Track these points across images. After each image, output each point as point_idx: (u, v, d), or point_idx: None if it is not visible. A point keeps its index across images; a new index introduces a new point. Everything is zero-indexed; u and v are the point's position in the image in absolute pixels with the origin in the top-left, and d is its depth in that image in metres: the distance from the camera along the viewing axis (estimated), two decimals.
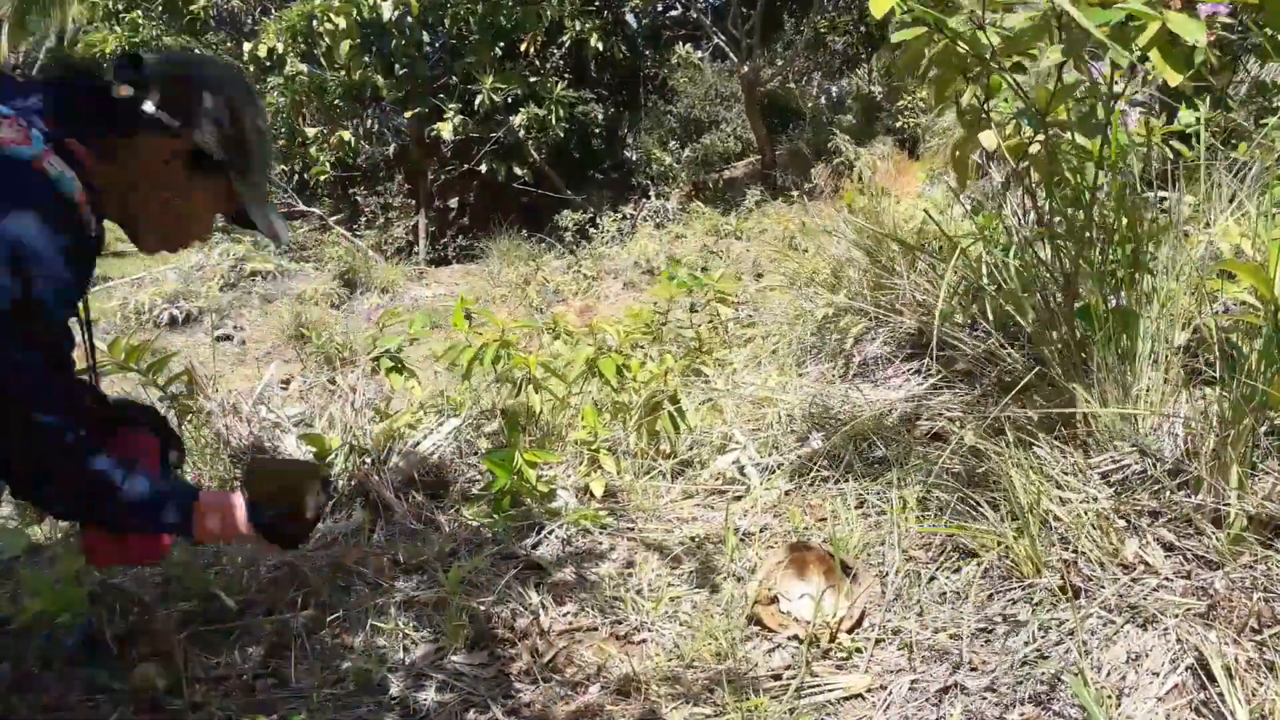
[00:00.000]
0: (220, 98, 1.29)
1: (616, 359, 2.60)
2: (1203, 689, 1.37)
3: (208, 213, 1.37)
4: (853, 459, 2.31)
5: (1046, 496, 1.76)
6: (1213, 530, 1.59)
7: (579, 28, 10.13)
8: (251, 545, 1.51)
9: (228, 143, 1.29)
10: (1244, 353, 1.75)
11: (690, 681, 1.65)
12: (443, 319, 4.78)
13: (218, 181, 1.31)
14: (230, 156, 1.30)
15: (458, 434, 2.60)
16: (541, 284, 7.78)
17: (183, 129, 1.25)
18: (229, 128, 1.30)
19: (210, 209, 1.36)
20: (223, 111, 1.29)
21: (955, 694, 1.52)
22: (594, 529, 2.22)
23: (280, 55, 9.64)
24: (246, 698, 1.63)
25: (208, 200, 1.34)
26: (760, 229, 7.73)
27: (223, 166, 1.29)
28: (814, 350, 3.30)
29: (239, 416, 2.40)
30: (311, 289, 8.33)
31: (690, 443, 2.63)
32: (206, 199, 1.33)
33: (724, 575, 1.99)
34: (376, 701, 1.63)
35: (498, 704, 1.61)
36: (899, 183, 7.86)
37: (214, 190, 1.32)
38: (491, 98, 9.50)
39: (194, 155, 1.27)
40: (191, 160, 1.27)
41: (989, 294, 2.50)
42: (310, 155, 10.59)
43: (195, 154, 1.27)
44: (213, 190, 1.32)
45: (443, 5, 9.54)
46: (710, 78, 11.58)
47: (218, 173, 1.30)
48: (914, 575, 1.84)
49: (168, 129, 1.24)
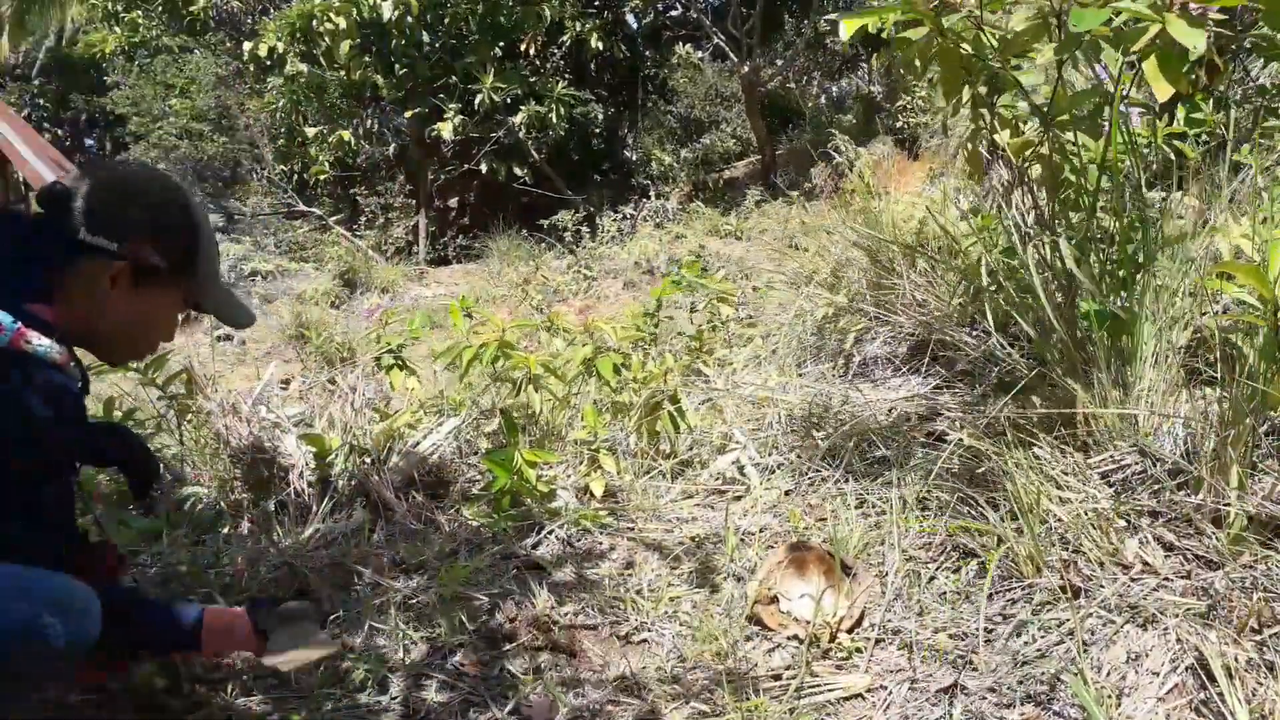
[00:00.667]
0: (151, 207, 1.30)
1: (615, 358, 2.60)
2: (1203, 689, 1.37)
3: (168, 318, 1.38)
4: (853, 459, 2.31)
5: (1046, 496, 1.77)
6: (1213, 530, 1.59)
7: (579, 28, 10.13)
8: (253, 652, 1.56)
9: (169, 250, 1.30)
10: (1244, 353, 1.75)
11: (690, 681, 1.65)
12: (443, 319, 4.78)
13: (168, 289, 1.33)
14: (174, 261, 1.31)
15: (458, 434, 2.60)
16: (542, 284, 7.78)
17: (120, 248, 1.25)
18: (167, 234, 1.30)
19: (169, 313, 1.38)
20: (157, 220, 1.30)
21: (955, 694, 1.52)
22: (594, 529, 2.23)
23: (280, 55, 9.64)
24: (246, 698, 1.63)
25: (164, 307, 1.35)
26: (760, 229, 7.73)
27: (170, 274, 1.30)
28: (814, 350, 3.30)
29: (238, 416, 2.40)
30: (311, 289, 8.34)
31: (690, 443, 2.63)
32: (163, 306, 1.35)
33: (724, 575, 1.99)
34: (376, 701, 1.63)
35: (498, 704, 1.61)
36: (899, 182, 7.86)
37: (167, 296, 1.34)
38: (491, 97, 9.51)
39: (137, 271, 1.27)
40: (137, 276, 1.27)
41: (989, 294, 2.50)
42: (310, 155, 10.60)
43: (138, 269, 1.27)
44: (166, 297, 1.34)
45: (443, 5, 9.55)
46: (710, 78, 11.59)
47: (167, 281, 1.31)
48: (914, 575, 1.84)
49: (106, 251, 1.24)
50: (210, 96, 12.18)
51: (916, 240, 3.28)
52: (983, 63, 1.89)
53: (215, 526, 2.24)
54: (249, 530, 2.21)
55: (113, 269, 1.26)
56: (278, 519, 2.21)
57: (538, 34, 9.96)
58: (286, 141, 11.30)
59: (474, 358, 2.48)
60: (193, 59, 12.33)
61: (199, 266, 1.35)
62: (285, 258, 9.58)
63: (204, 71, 12.19)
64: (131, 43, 12.14)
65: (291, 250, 10.09)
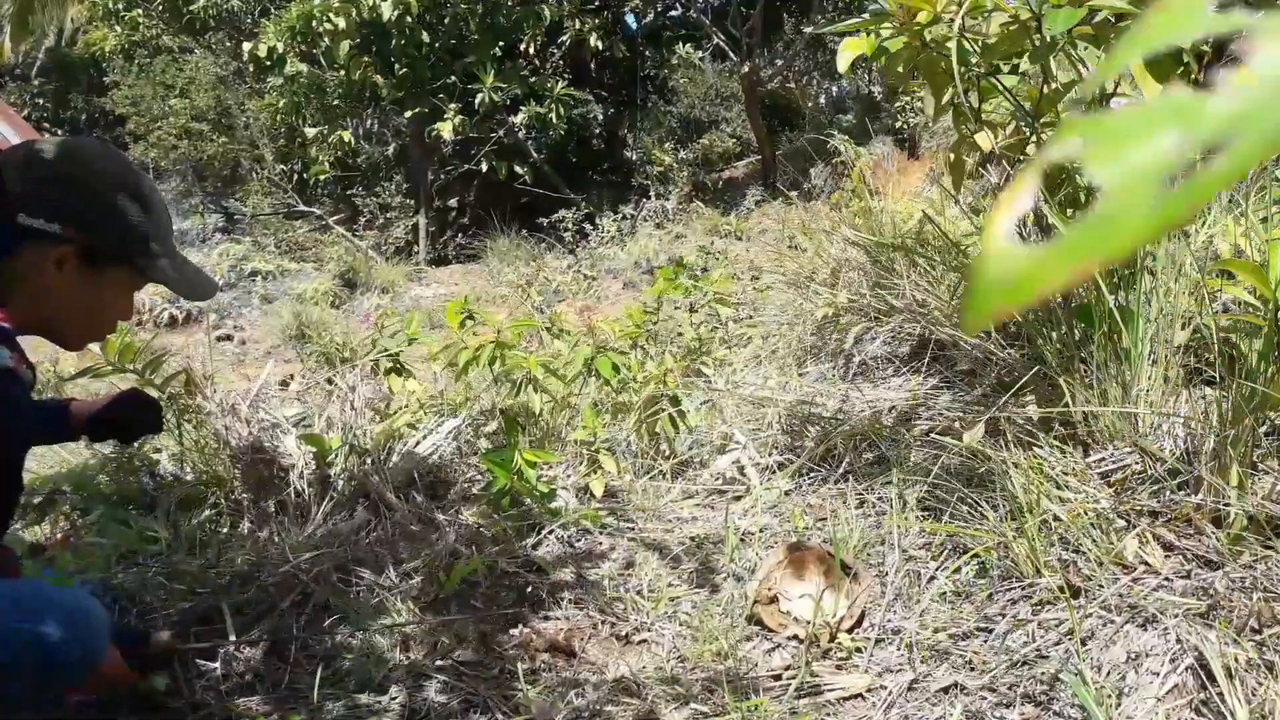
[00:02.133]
0: (92, 186, 1.22)
1: (615, 358, 2.60)
2: (1203, 689, 1.36)
3: (122, 297, 1.32)
4: (853, 459, 2.31)
5: (1046, 496, 1.76)
6: (1213, 530, 1.59)
7: (578, 27, 10.13)
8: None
9: (115, 227, 1.23)
10: (1244, 353, 1.75)
11: (690, 681, 1.65)
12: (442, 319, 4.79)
13: (119, 269, 1.26)
14: (123, 241, 1.24)
15: (457, 434, 2.60)
16: (542, 284, 7.78)
17: (64, 230, 1.19)
18: (113, 214, 1.23)
19: (123, 293, 1.32)
20: (101, 199, 1.22)
21: (955, 694, 1.52)
22: (594, 529, 2.22)
23: (280, 55, 9.64)
24: (246, 698, 1.63)
25: (117, 288, 1.29)
26: (760, 229, 7.73)
27: (119, 254, 1.24)
28: (814, 350, 3.30)
29: (238, 417, 2.40)
30: (311, 289, 8.34)
31: (690, 443, 2.62)
32: (115, 287, 1.29)
33: (724, 575, 1.99)
34: (376, 701, 1.63)
35: (497, 704, 1.61)
36: (899, 182, 7.86)
37: (119, 277, 1.28)
38: (491, 97, 9.50)
39: (86, 253, 1.21)
40: (84, 257, 1.21)
41: None
42: (310, 155, 10.60)
43: (87, 251, 1.21)
44: (118, 277, 1.28)
45: (443, 5, 9.55)
46: (710, 78, 11.59)
47: (117, 261, 1.25)
48: (914, 575, 1.84)
49: (49, 235, 1.18)
50: (210, 96, 12.18)
51: (916, 240, 3.28)
52: (967, 69, 1.89)
53: (215, 527, 2.24)
54: (249, 530, 2.21)
55: (57, 253, 1.19)
56: (278, 519, 2.21)
57: (537, 34, 9.96)
58: (286, 141, 11.31)
59: (471, 359, 2.48)
60: (193, 59, 12.34)
61: (149, 241, 1.28)
62: (285, 258, 9.58)
63: (204, 71, 12.19)
64: (131, 41, 12.14)
65: (291, 250, 10.09)
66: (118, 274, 1.28)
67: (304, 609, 1.90)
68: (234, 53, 11.43)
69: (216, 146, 12.20)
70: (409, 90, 9.92)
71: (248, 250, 9.20)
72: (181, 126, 12.20)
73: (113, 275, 1.27)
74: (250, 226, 10.97)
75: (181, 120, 12.17)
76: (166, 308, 7.57)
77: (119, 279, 1.28)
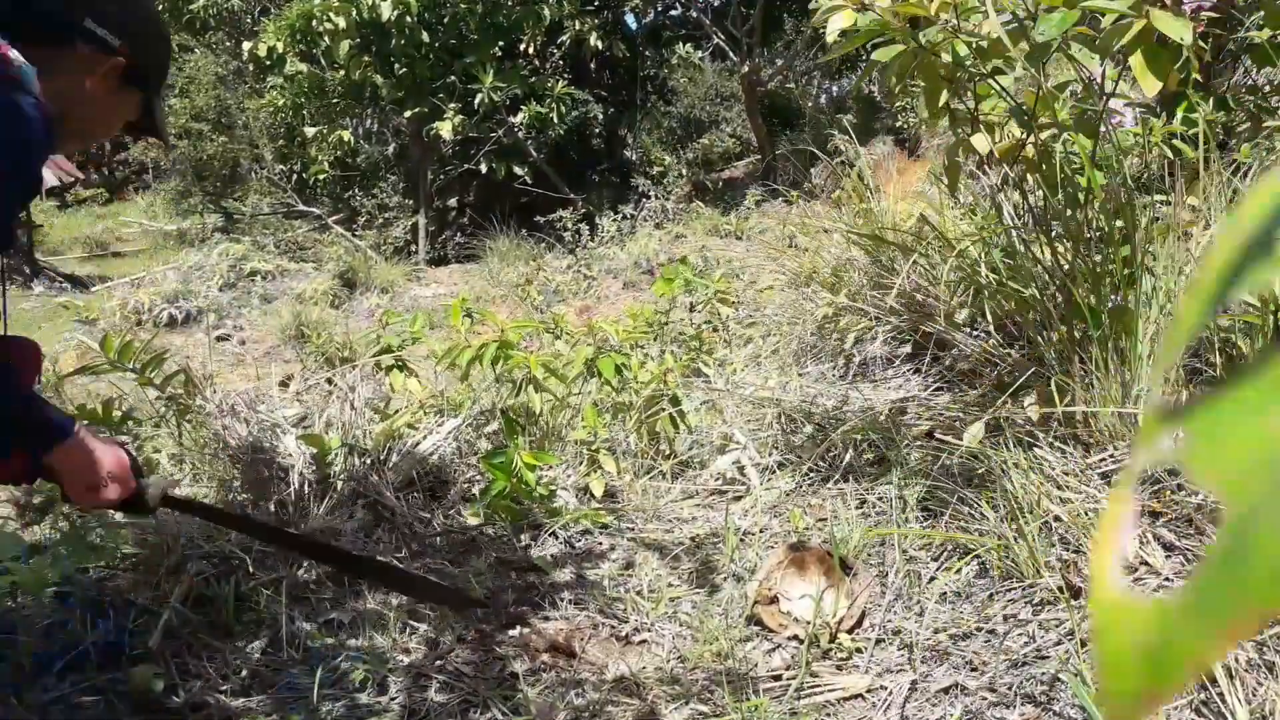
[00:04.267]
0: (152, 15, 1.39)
1: (616, 358, 2.60)
2: (1203, 689, 1.36)
3: (120, 120, 1.41)
4: (853, 459, 2.31)
5: (1046, 497, 1.76)
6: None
7: (578, 27, 10.13)
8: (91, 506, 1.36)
9: (158, 59, 1.38)
10: (1244, 352, 1.75)
11: (690, 681, 1.65)
12: (441, 319, 4.78)
13: (135, 96, 1.37)
14: (158, 71, 1.38)
15: (458, 434, 2.60)
16: (542, 284, 7.77)
17: (120, 47, 1.29)
18: (159, 45, 1.38)
19: (126, 115, 1.41)
20: (157, 28, 1.39)
21: (955, 694, 1.52)
22: (594, 529, 2.22)
23: (280, 55, 9.63)
24: (246, 698, 1.62)
25: (125, 109, 1.39)
26: (760, 229, 7.73)
27: (147, 82, 1.36)
28: (814, 350, 3.30)
29: (237, 417, 2.39)
30: (311, 289, 8.32)
31: (690, 443, 2.62)
32: (125, 108, 1.39)
33: (724, 575, 1.99)
34: (376, 701, 1.63)
35: (497, 704, 1.61)
36: (900, 182, 7.85)
37: (131, 102, 1.38)
38: (491, 97, 9.49)
39: (127, 71, 1.31)
40: (124, 75, 1.31)
41: (988, 294, 2.50)
42: (310, 155, 10.58)
43: (128, 70, 1.31)
44: (130, 102, 1.38)
45: (442, 5, 9.54)
46: (710, 78, 11.58)
47: (140, 88, 1.36)
48: (914, 575, 1.84)
49: (107, 45, 1.28)
50: (210, 96, 12.16)
51: (916, 240, 3.28)
52: (963, 71, 1.89)
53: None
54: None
55: (107, 62, 1.28)
56: (277, 519, 2.21)
57: (537, 34, 9.94)
58: (286, 141, 11.28)
59: (474, 358, 2.48)
60: (193, 58, 12.33)
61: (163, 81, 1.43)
62: (285, 258, 9.55)
63: (204, 71, 12.17)
64: None
65: (291, 250, 10.07)
66: (133, 99, 1.38)
67: (303, 609, 1.90)
68: (234, 52, 11.42)
69: (216, 146, 12.18)
70: (408, 90, 9.90)
71: (247, 250, 9.18)
72: (181, 126, 12.19)
73: (129, 99, 1.37)
74: (249, 226, 10.95)
75: (181, 120, 12.16)
76: (166, 308, 7.57)
77: (130, 102, 1.38)
